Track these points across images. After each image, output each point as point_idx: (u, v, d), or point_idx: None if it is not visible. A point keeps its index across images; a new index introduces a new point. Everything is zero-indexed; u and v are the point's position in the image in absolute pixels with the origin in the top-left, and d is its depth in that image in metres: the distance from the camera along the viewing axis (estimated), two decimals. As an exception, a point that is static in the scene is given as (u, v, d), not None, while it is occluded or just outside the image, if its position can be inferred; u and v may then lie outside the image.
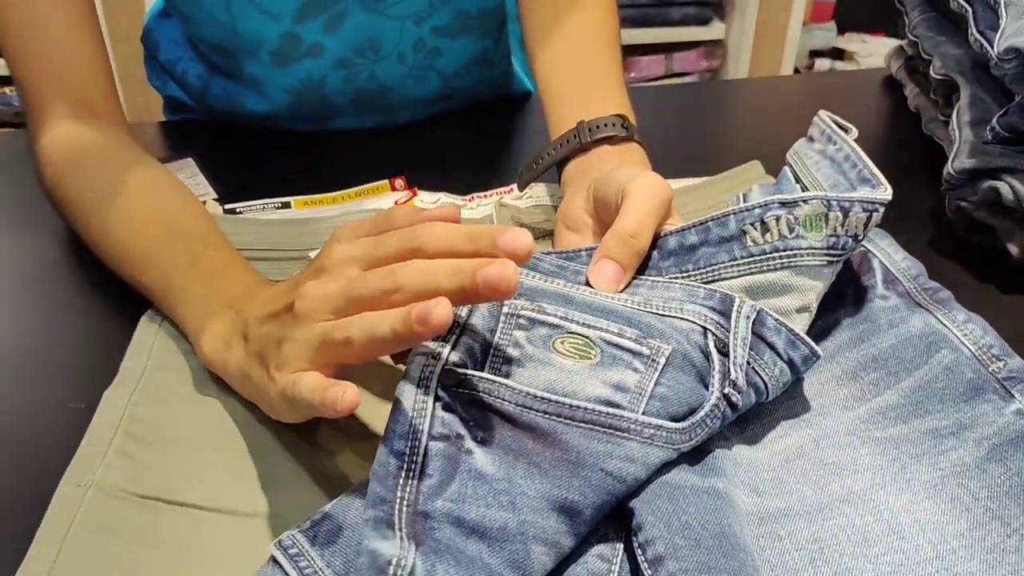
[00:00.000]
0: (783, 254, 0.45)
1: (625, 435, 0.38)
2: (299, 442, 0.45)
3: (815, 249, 0.45)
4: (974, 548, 0.38)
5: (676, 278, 0.47)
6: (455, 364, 0.40)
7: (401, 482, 0.36)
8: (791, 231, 0.45)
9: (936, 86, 0.74)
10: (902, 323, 0.49)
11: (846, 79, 1.11)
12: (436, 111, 0.84)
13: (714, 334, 0.43)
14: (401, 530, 0.34)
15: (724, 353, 0.43)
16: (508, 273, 0.35)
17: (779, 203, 0.45)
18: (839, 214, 0.45)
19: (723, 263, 0.46)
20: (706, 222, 0.47)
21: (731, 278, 0.46)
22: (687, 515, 0.37)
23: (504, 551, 0.35)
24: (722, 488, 0.40)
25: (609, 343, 0.41)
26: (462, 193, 0.67)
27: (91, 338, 0.55)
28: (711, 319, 0.43)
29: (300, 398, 0.38)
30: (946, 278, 0.52)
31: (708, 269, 0.46)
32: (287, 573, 0.36)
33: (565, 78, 0.64)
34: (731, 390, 0.41)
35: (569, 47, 0.66)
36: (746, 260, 0.46)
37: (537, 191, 0.66)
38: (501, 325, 0.42)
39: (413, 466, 0.37)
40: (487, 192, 0.67)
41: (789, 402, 0.47)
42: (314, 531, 0.37)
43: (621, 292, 0.46)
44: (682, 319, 0.44)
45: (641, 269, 0.48)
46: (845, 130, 0.52)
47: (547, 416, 0.38)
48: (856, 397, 0.47)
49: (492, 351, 0.41)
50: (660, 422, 0.39)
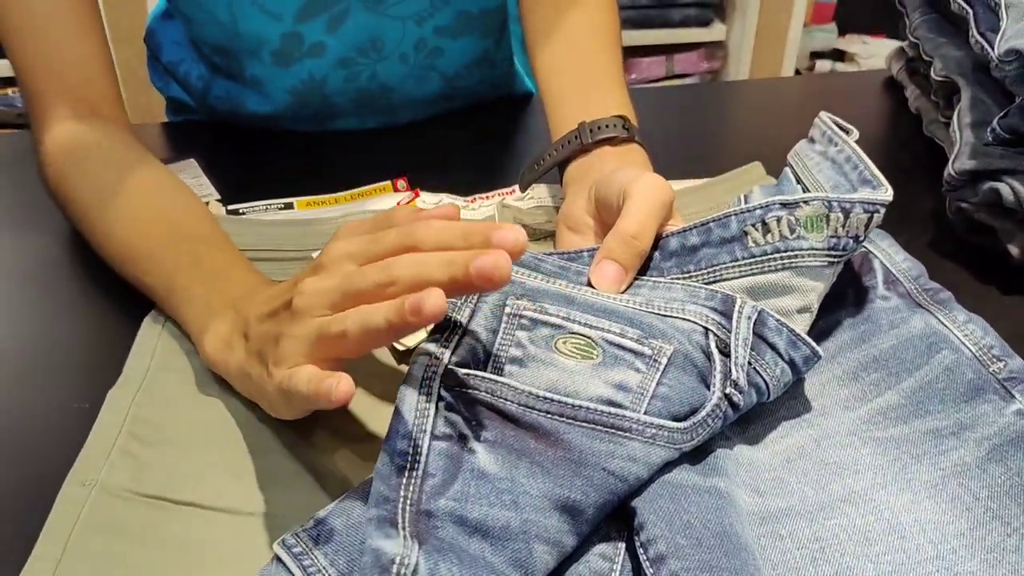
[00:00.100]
0: (784, 255, 0.45)
1: (627, 435, 0.38)
2: (302, 442, 0.46)
3: (816, 250, 0.45)
4: (974, 548, 0.38)
5: (678, 279, 0.47)
6: (458, 364, 0.40)
7: (404, 481, 0.36)
8: (792, 232, 0.45)
9: (937, 88, 0.74)
10: (903, 324, 0.49)
11: (847, 80, 1.11)
12: (438, 111, 0.84)
13: (715, 334, 0.43)
14: (404, 529, 0.34)
15: (725, 353, 0.43)
16: (501, 263, 0.35)
17: (780, 204, 0.45)
18: (840, 215, 0.45)
19: (724, 264, 0.46)
20: (707, 223, 0.47)
21: (732, 279, 0.46)
22: (689, 514, 0.38)
23: (507, 550, 0.35)
24: (724, 488, 0.40)
25: (611, 343, 0.41)
26: (464, 194, 0.67)
27: (94, 338, 0.55)
28: (712, 320, 0.44)
29: (296, 391, 0.38)
30: (947, 279, 0.52)
31: (709, 270, 0.47)
32: (291, 572, 0.36)
33: (565, 78, 0.65)
34: (732, 390, 0.41)
35: (570, 47, 0.66)
36: (747, 261, 0.46)
37: (539, 192, 0.66)
38: (503, 325, 0.42)
39: (416, 465, 0.37)
40: (489, 193, 0.67)
41: (790, 402, 0.47)
42: (318, 530, 0.37)
43: (623, 293, 0.46)
44: (684, 319, 0.44)
45: (643, 270, 0.48)
46: (846, 131, 0.52)
47: (549, 416, 0.38)
48: (857, 397, 0.47)
49: (494, 351, 0.41)
50: (662, 422, 0.39)
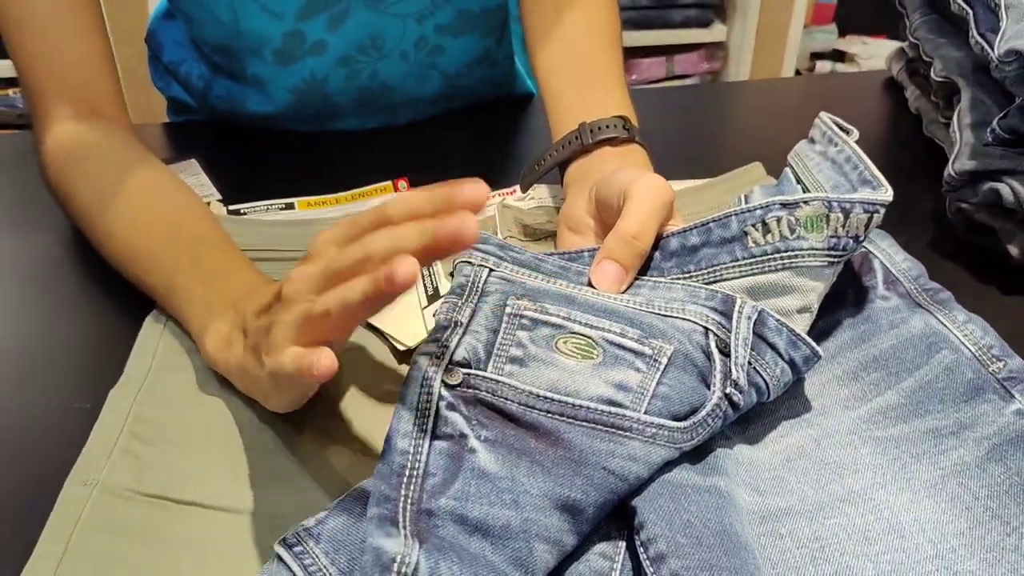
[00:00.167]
0: (784, 255, 0.45)
1: (627, 434, 0.38)
2: (303, 441, 0.46)
3: (816, 250, 0.45)
4: (974, 547, 0.39)
5: (678, 279, 0.47)
6: (458, 364, 0.40)
7: (405, 480, 0.36)
8: (792, 232, 0.45)
9: (937, 88, 0.74)
10: (903, 323, 0.49)
11: (847, 81, 1.11)
12: (438, 111, 0.85)
13: (716, 334, 0.43)
14: (405, 528, 0.34)
15: (726, 353, 0.43)
16: (466, 223, 0.36)
17: (780, 204, 0.45)
18: (840, 215, 0.45)
19: (725, 264, 0.46)
20: (708, 223, 0.47)
21: (733, 279, 0.46)
22: (689, 513, 0.38)
23: (507, 549, 0.35)
24: (724, 487, 0.40)
25: (611, 343, 0.42)
26: (465, 194, 0.67)
27: (95, 337, 0.55)
28: (713, 319, 0.44)
29: (282, 372, 0.39)
30: (946, 279, 0.52)
31: (710, 270, 0.47)
32: (292, 571, 0.36)
33: (565, 78, 0.65)
34: (732, 390, 0.41)
35: (569, 47, 0.66)
36: (747, 261, 0.46)
37: (540, 192, 0.66)
38: (504, 325, 0.42)
39: (417, 465, 0.37)
40: (490, 193, 0.67)
41: (790, 402, 0.47)
42: (319, 529, 0.37)
43: (623, 293, 0.46)
44: (684, 319, 0.44)
45: (643, 270, 0.48)
46: (846, 132, 0.52)
47: (550, 415, 0.39)
48: (857, 397, 0.47)
49: (495, 351, 0.41)
50: (662, 421, 0.39)
